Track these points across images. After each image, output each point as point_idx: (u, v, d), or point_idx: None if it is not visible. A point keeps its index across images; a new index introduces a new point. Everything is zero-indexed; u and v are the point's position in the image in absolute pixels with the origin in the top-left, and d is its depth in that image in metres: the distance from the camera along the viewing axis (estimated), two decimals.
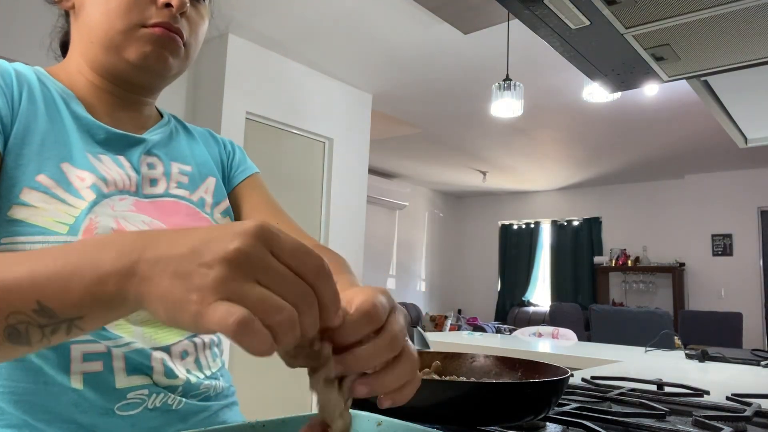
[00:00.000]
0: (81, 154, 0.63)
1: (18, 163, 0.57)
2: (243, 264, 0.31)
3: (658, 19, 0.89)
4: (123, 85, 0.70)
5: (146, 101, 0.74)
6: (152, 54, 0.66)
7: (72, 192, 0.59)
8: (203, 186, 0.75)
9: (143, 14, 0.65)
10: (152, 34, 0.65)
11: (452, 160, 6.98)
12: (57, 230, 0.57)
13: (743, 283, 6.81)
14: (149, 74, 0.68)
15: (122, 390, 0.58)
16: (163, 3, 0.65)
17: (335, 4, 3.24)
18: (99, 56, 0.67)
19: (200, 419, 0.65)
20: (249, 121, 3.75)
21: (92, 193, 0.60)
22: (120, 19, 0.64)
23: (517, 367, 0.74)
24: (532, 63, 3.89)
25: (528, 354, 2.00)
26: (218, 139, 0.85)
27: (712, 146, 5.93)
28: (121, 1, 0.64)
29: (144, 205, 0.66)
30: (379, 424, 0.46)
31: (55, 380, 0.56)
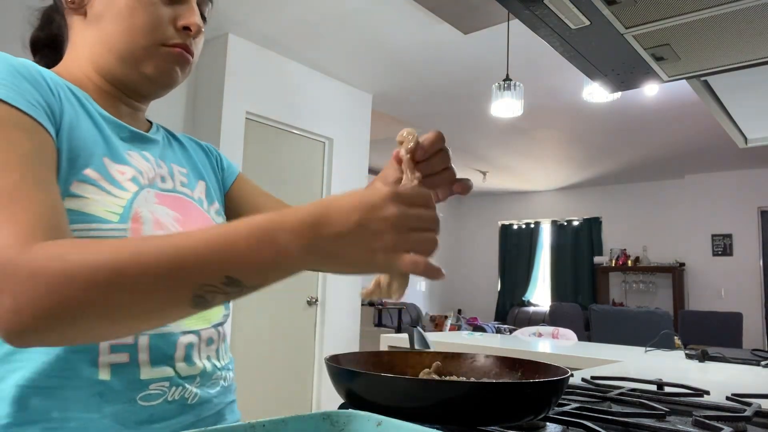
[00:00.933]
0: (117, 149, 0.67)
1: (68, 158, 0.61)
2: (401, 223, 0.47)
3: (658, 19, 0.89)
4: (128, 93, 0.74)
5: (143, 108, 0.79)
6: (168, 71, 0.72)
7: (116, 185, 0.64)
8: (198, 187, 0.79)
9: (164, 34, 0.70)
10: (171, 53, 0.71)
11: (452, 160, 6.97)
12: (109, 219, 0.61)
13: (743, 283, 6.81)
14: (159, 87, 0.74)
15: (146, 381, 0.62)
16: (182, 26, 0.71)
17: (335, 4, 3.24)
18: (114, 66, 0.71)
19: (209, 414, 0.69)
20: (249, 121, 3.75)
21: (134, 185, 0.66)
22: (144, 36, 0.69)
23: (517, 367, 0.74)
24: (532, 63, 3.89)
25: (528, 354, 2.00)
26: (202, 146, 0.89)
27: (712, 146, 5.93)
28: (147, 20, 0.69)
29: (163, 198, 0.70)
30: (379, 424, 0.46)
31: (83, 373, 0.58)
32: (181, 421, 0.64)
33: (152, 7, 0.69)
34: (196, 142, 0.88)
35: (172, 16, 0.71)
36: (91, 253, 0.47)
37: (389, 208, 0.46)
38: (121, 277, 0.46)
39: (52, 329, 0.47)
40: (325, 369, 0.67)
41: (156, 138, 0.77)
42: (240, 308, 3.51)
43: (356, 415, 0.47)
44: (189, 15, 0.72)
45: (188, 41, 0.72)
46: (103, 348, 0.59)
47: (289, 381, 3.93)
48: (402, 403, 0.57)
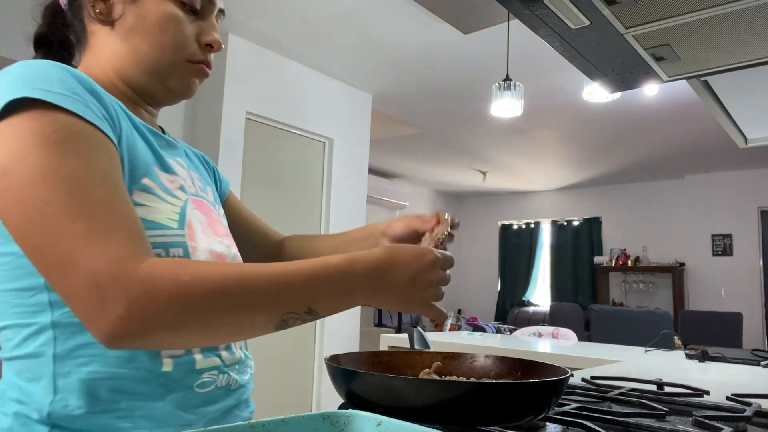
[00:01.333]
0: (161, 158, 0.71)
1: (129, 167, 0.64)
2: (436, 283, 0.64)
3: (658, 19, 0.89)
4: (147, 100, 0.78)
5: (157, 114, 0.83)
6: (190, 85, 0.77)
7: (168, 193, 0.68)
8: (209, 192, 0.83)
9: (189, 50, 0.74)
10: (194, 70, 0.75)
11: (452, 160, 6.98)
12: (170, 225, 0.66)
13: (743, 283, 6.81)
14: (178, 98, 0.79)
15: (200, 370, 0.68)
16: (205, 43, 0.75)
17: (335, 4, 3.24)
18: (141, 77, 0.74)
19: (244, 398, 0.76)
20: (249, 121, 3.75)
21: (183, 193, 0.71)
22: (172, 52, 0.73)
23: (517, 367, 0.74)
24: (532, 63, 3.89)
25: (528, 354, 2.00)
26: (196, 153, 0.91)
27: (712, 146, 5.93)
28: (175, 37, 0.72)
29: (195, 203, 0.74)
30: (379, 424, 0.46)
31: (147, 365, 0.63)
32: (227, 403, 0.71)
33: (180, 25, 0.73)
34: (191, 149, 0.90)
35: (196, 32, 0.75)
36: (202, 273, 0.55)
37: (435, 272, 0.64)
38: (228, 297, 0.54)
39: (154, 338, 0.53)
40: (325, 369, 0.67)
41: (177, 144, 0.81)
42: None
43: (356, 415, 0.47)
44: (212, 32, 0.76)
45: (209, 57, 0.77)
46: None
47: (289, 381, 3.93)
48: (402, 403, 0.57)
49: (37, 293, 0.60)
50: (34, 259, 0.54)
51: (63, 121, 0.56)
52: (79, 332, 0.60)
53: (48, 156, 0.54)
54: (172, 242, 0.65)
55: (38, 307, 0.60)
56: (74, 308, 0.53)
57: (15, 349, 0.62)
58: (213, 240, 0.72)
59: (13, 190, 0.53)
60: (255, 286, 0.56)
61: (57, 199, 0.53)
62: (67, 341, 0.60)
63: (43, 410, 0.59)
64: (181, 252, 0.65)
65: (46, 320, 0.60)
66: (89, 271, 0.51)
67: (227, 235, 0.79)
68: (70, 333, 0.60)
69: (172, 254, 0.64)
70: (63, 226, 0.52)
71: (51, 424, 0.59)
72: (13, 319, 0.61)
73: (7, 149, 0.54)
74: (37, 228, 0.52)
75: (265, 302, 0.56)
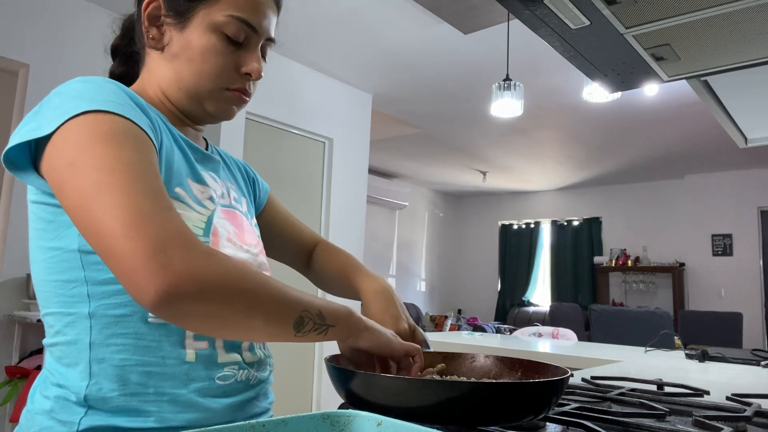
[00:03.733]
0: (197, 171, 0.77)
1: (165, 177, 0.70)
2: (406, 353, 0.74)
3: (658, 19, 0.89)
4: (190, 119, 0.83)
5: (202, 130, 0.89)
6: (227, 110, 0.81)
7: (198, 203, 0.74)
8: (244, 203, 0.89)
9: (228, 79, 0.78)
10: (232, 97, 0.79)
11: (452, 160, 6.98)
12: (196, 232, 0.70)
13: (743, 283, 6.81)
14: (216, 121, 0.84)
15: (222, 364, 0.73)
16: (244, 72, 0.78)
17: (335, 4, 3.24)
18: (182, 100, 0.79)
19: (263, 392, 0.82)
20: (249, 121, 3.76)
21: (212, 203, 0.76)
22: (211, 80, 0.77)
23: (517, 367, 0.74)
24: (532, 63, 3.89)
25: (528, 354, 2.00)
26: (238, 163, 0.97)
27: (712, 146, 5.93)
28: (216, 66, 0.76)
29: (226, 214, 0.79)
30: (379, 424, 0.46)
31: (173, 355, 0.69)
32: (246, 395, 0.76)
33: (221, 56, 0.76)
34: (233, 160, 0.96)
35: (236, 61, 0.78)
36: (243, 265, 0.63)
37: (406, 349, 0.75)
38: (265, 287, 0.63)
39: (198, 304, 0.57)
40: (325, 369, 0.67)
41: (216, 158, 0.86)
42: None
43: (356, 415, 0.47)
44: (251, 61, 0.79)
45: (248, 85, 0.80)
46: (189, 335, 0.70)
47: (289, 381, 3.93)
48: (402, 403, 0.57)
49: (77, 285, 0.66)
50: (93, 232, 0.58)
51: (116, 120, 0.63)
52: (113, 323, 0.66)
53: (107, 146, 0.61)
54: None
55: (78, 298, 0.66)
56: (130, 271, 0.56)
57: (56, 335, 0.69)
58: (239, 249, 0.78)
59: (83, 175, 0.60)
60: (278, 284, 0.65)
61: (119, 180, 0.59)
62: (102, 330, 0.66)
63: (80, 393, 0.65)
64: None
65: (84, 310, 0.66)
66: (157, 234, 0.56)
67: (257, 244, 0.84)
68: (105, 323, 0.66)
69: None
70: (128, 199, 0.58)
71: (87, 405, 0.65)
72: (56, 307, 0.68)
73: (73, 145, 0.61)
74: (100, 203, 0.58)
75: (286, 297, 0.64)
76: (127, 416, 0.65)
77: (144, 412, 0.66)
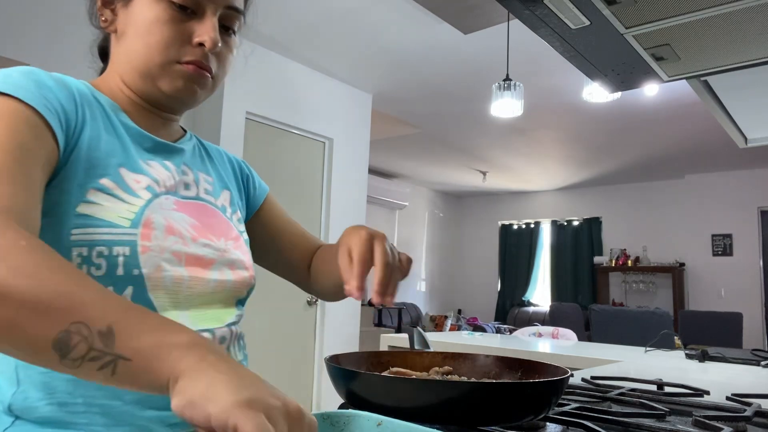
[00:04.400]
0: (135, 160, 0.72)
1: (85, 168, 0.66)
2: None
3: (658, 19, 0.89)
4: (155, 105, 0.78)
5: (175, 118, 0.83)
6: (183, 88, 0.74)
7: (130, 192, 0.68)
8: (222, 196, 0.84)
9: (179, 51, 0.72)
10: (185, 71, 0.73)
11: (452, 160, 6.98)
12: (121, 224, 0.65)
13: (743, 283, 6.81)
14: (178, 102, 0.77)
15: None
16: (197, 43, 0.72)
17: (335, 4, 3.24)
18: (136, 80, 0.74)
19: None
20: (249, 121, 3.75)
21: (148, 193, 0.70)
22: (159, 53, 0.71)
23: (517, 367, 0.74)
24: (532, 63, 3.89)
25: (528, 354, 2.00)
26: (232, 159, 0.93)
27: (712, 146, 5.93)
28: (162, 37, 0.71)
29: (182, 205, 0.74)
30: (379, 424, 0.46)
31: None
32: None
33: (168, 25, 0.71)
34: (226, 155, 0.92)
35: (187, 31, 0.72)
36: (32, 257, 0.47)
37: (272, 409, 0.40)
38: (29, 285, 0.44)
39: None
40: (325, 369, 0.67)
41: (183, 147, 0.81)
42: None
43: (356, 415, 0.47)
44: (205, 30, 0.72)
45: (204, 58, 0.73)
46: None
47: (289, 381, 3.93)
48: (402, 403, 0.57)
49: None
50: None
51: (8, 103, 0.60)
52: None
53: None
54: (119, 240, 0.64)
55: None
56: None
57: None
58: (189, 242, 0.71)
59: None
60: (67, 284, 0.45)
61: None
62: None
63: (5, 401, 0.61)
64: (128, 251, 0.64)
65: None
66: None
67: (232, 239, 0.78)
68: None
69: (116, 253, 0.64)
70: None
71: (15, 416, 0.61)
72: None
73: None
74: None
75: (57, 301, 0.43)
76: (54, 428, 0.60)
77: (72, 425, 0.61)
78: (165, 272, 0.67)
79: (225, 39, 0.78)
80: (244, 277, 0.79)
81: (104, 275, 0.63)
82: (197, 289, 0.72)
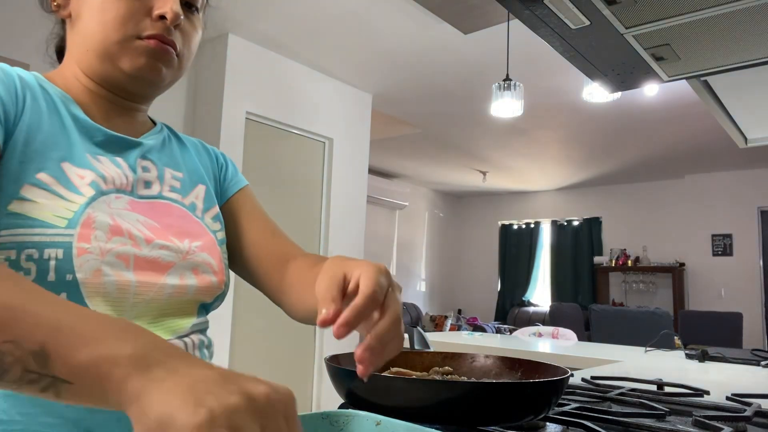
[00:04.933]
0: (81, 154, 0.65)
1: (21, 161, 0.60)
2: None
3: (658, 19, 0.89)
4: (117, 92, 0.72)
5: (140, 108, 0.76)
6: (146, 65, 0.68)
7: (71, 189, 0.62)
8: (194, 192, 0.77)
9: (138, 26, 0.67)
10: (147, 46, 0.67)
11: (452, 160, 6.98)
12: (56, 224, 0.59)
13: (743, 283, 6.80)
14: (143, 84, 0.71)
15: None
16: (157, 15, 0.67)
17: (335, 4, 3.24)
18: (95, 64, 0.69)
19: None
20: (249, 121, 3.75)
21: (91, 189, 0.63)
22: (116, 30, 0.66)
23: (517, 367, 0.74)
24: (532, 63, 3.89)
25: (528, 354, 2.00)
26: (210, 151, 0.87)
27: (712, 146, 5.93)
28: (118, 12, 0.66)
29: (138, 205, 0.68)
30: (378, 424, 0.46)
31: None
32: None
33: (124, 0, 0.66)
34: (204, 147, 0.86)
35: (147, 6, 0.68)
36: None
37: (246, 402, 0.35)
38: None
39: None
40: (325, 369, 0.67)
41: (143, 141, 0.74)
42: (240, 308, 3.51)
43: (356, 414, 0.47)
44: (164, 3, 0.67)
45: (166, 32, 0.68)
46: None
47: (289, 381, 3.92)
48: (402, 403, 0.57)
49: None
50: None
51: None
52: None
53: None
54: (51, 242, 0.58)
55: None
56: None
57: None
58: (138, 243, 0.64)
59: None
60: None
61: None
62: None
63: None
64: (61, 253, 0.58)
65: None
66: None
67: (197, 238, 0.72)
68: None
69: (47, 255, 0.58)
70: None
71: None
72: None
73: None
74: None
75: None
76: None
77: None
78: (106, 277, 0.61)
79: (188, 16, 0.73)
80: (210, 282, 0.72)
81: (34, 281, 0.56)
82: (147, 295, 0.65)
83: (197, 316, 0.72)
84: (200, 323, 0.73)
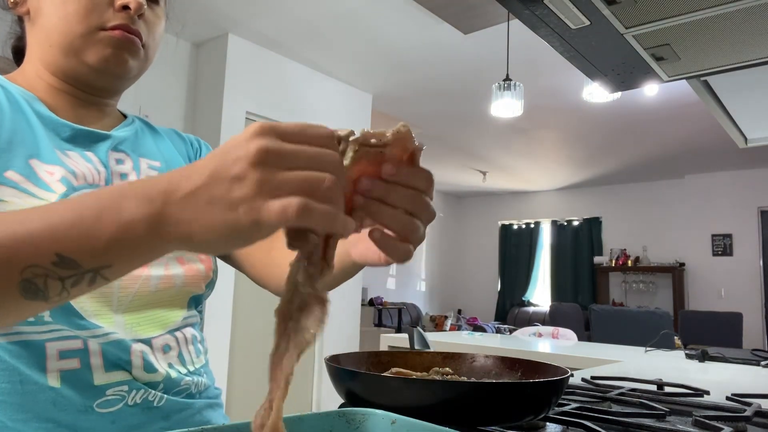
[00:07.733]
0: (49, 150, 0.64)
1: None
2: (268, 159, 0.33)
3: (658, 19, 0.89)
4: (84, 88, 0.71)
5: (108, 103, 0.75)
6: (112, 57, 0.67)
7: (42, 186, 0.60)
8: None
9: (102, 17, 0.66)
10: (111, 37, 0.66)
11: (452, 160, 6.98)
12: None
13: (743, 283, 6.81)
14: (109, 76, 0.69)
15: (101, 387, 0.59)
16: (120, 5, 0.66)
17: (335, 4, 3.24)
18: (58, 59, 0.67)
19: (183, 417, 0.65)
20: (249, 122, 3.75)
21: (62, 185, 0.61)
22: (79, 22, 0.65)
23: (517, 367, 0.74)
24: (532, 63, 3.89)
25: (528, 354, 1.99)
26: (184, 137, 0.85)
27: (712, 146, 5.93)
28: (80, 4, 0.65)
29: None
30: (393, 422, 0.46)
31: (31, 379, 0.56)
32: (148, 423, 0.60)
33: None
34: (179, 135, 0.85)
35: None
36: None
37: (255, 141, 0.34)
38: None
39: None
40: (325, 369, 0.67)
41: (113, 134, 0.72)
42: (240, 308, 3.51)
43: (371, 413, 0.48)
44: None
45: (130, 21, 0.67)
46: (51, 354, 0.57)
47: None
48: (402, 403, 0.57)
49: None
50: None
51: None
52: None
53: None
54: None
55: None
56: None
57: None
58: None
59: None
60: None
61: None
62: None
63: None
64: None
65: None
66: None
67: None
68: None
69: None
70: None
71: None
72: None
73: None
74: None
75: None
76: None
77: None
78: None
79: (151, 6, 0.72)
80: (198, 270, 0.71)
81: None
82: (133, 288, 0.64)
83: (187, 308, 0.71)
84: (191, 316, 0.72)
